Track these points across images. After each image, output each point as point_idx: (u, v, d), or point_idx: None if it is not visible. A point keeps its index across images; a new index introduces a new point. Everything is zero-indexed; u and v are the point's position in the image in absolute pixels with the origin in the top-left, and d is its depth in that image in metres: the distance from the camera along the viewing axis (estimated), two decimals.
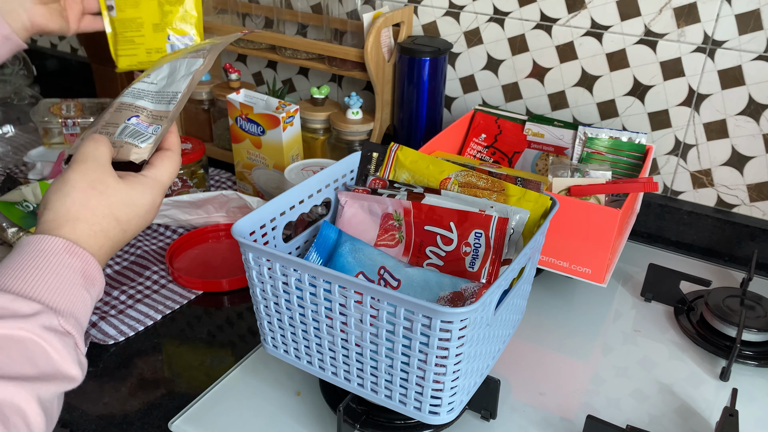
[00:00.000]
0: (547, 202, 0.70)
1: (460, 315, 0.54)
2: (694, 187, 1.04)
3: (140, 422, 0.70)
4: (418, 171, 0.76)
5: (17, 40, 0.75)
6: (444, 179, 0.74)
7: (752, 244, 1.00)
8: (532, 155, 1.04)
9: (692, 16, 0.95)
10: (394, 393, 0.61)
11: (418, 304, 0.54)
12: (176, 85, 0.64)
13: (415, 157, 0.76)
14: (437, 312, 0.53)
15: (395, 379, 0.60)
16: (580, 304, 0.90)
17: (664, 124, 1.03)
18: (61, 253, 0.50)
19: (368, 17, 1.10)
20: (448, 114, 1.21)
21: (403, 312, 0.55)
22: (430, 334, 0.55)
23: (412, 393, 0.60)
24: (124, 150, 0.59)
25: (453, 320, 0.54)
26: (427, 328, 0.55)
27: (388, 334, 0.58)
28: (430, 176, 0.75)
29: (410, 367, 0.58)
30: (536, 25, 1.06)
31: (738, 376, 0.78)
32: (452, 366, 0.57)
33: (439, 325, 0.54)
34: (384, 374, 0.61)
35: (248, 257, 0.63)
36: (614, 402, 0.74)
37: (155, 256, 0.99)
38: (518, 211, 0.68)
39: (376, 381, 0.62)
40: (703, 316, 0.85)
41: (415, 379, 0.59)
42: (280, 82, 1.38)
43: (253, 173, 1.13)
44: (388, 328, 0.57)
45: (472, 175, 0.73)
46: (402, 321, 0.56)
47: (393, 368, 0.59)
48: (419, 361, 0.57)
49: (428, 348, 0.56)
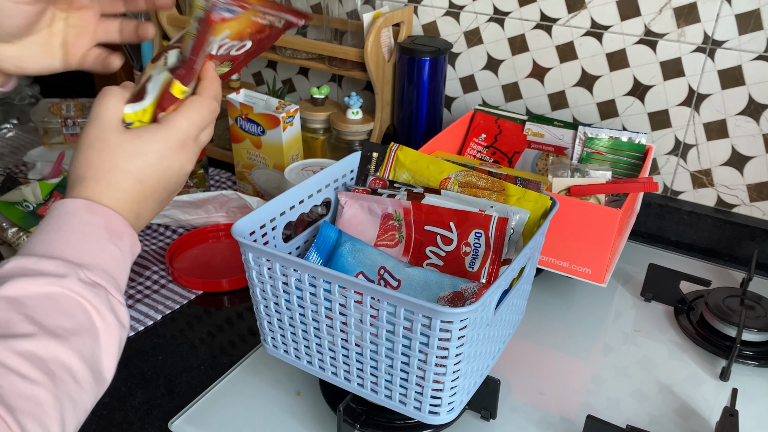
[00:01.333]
0: (547, 202, 0.70)
1: (460, 315, 0.54)
2: (694, 187, 1.04)
3: (140, 422, 0.70)
4: (418, 171, 0.76)
5: None
6: (444, 179, 0.74)
7: (752, 244, 1.00)
8: (532, 155, 1.04)
9: (692, 16, 0.95)
10: (394, 393, 0.61)
11: (418, 304, 0.54)
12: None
13: (415, 157, 0.76)
14: (437, 312, 0.53)
15: (395, 379, 0.60)
16: (580, 304, 0.90)
17: (664, 124, 1.03)
18: (78, 212, 0.49)
19: (368, 17, 1.10)
20: (448, 114, 1.21)
21: (403, 312, 0.55)
22: (430, 334, 0.55)
23: (412, 393, 0.60)
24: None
25: (453, 320, 0.54)
26: (427, 328, 0.55)
27: (388, 334, 0.58)
28: (430, 176, 0.75)
29: (410, 367, 0.58)
30: (536, 25, 1.06)
31: (738, 376, 0.78)
32: (452, 366, 0.57)
33: (439, 325, 0.54)
34: (384, 374, 0.61)
35: (248, 257, 0.63)
36: (614, 402, 0.74)
37: (155, 256, 0.99)
38: (518, 211, 0.68)
39: (376, 381, 0.62)
40: (703, 316, 0.85)
41: (415, 379, 0.59)
42: (280, 82, 1.38)
43: (253, 173, 1.13)
44: (388, 328, 0.57)
45: (472, 175, 0.73)
46: (402, 321, 0.56)
47: (393, 368, 0.59)
48: (419, 361, 0.57)
49: (428, 348, 0.56)
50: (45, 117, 1.26)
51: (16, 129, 1.41)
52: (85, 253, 0.48)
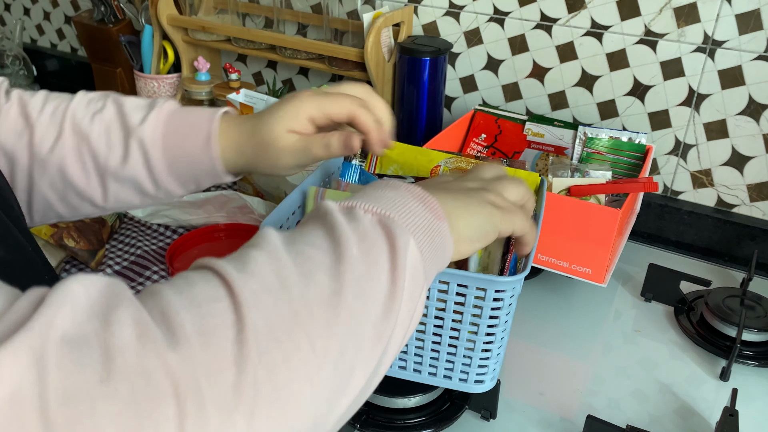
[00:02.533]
0: (537, 179, 0.71)
1: (512, 283, 0.56)
2: (694, 187, 1.04)
3: None
4: (407, 162, 0.76)
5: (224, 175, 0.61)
6: (434, 167, 0.75)
7: (752, 244, 1.00)
8: (532, 155, 1.03)
9: (692, 16, 0.95)
10: (439, 369, 0.63)
11: (473, 276, 0.56)
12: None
13: (402, 149, 0.77)
14: (493, 282, 0.56)
15: (441, 355, 0.62)
16: (580, 304, 0.90)
17: (664, 124, 1.02)
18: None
19: (368, 17, 1.10)
20: (448, 114, 1.21)
21: (456, 287, 0.57)
22: (484, 305, 0.57)
23: (459, 366, 0.62)
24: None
25: (506, 288, 0.56)
26: (481, 300, 0.57)
27: (438, 312, 0.60)
28: (419, 166, 0.76)
29: (459, 340, 0.60)
30: (536, 25, 1.06)
31: (738, 376, 0.78)
32: (500, 333, 0.60)
33: (492, 295, 0.57)
34: (429, 353, 0.63)
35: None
36: (614, 402, 0.74)
37: (155, 256, 0.99)
38: None
39: (421, 361, 0.64)
40: (703, 316, 0.85)
41: (463, 351, 0.61)
42: (280, 82, 1.38)
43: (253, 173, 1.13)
44: (438, 306, 0.59)
45: (461, 161, 0.74)
46: (454, 297, 0.58)
47: (441, 344, 0.61)
48: (469, 333, 0.60)
49: (480, 319, 0.58)
50: None
51: None
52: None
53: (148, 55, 1.32)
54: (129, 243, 1.02)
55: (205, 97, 1.28)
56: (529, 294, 0.91)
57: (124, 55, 1.38)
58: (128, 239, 1.03)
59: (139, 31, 1.38)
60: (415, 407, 0.69)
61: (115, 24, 1.38)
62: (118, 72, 1.43)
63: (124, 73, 1.43)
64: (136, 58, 1.35)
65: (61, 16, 1.64)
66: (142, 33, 1.31)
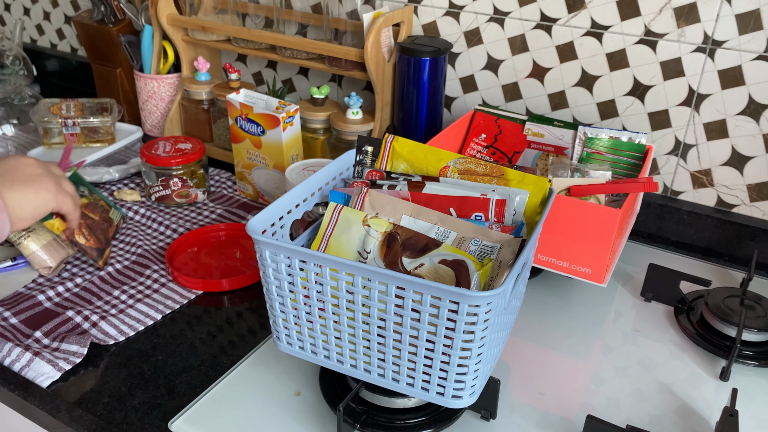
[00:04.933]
0: (546, 184, 0.71)
1: (487, 298, 0.55)
2: (694, 187, 1.04)
3: (140, 422, 0.70)
4: (416, 161, 0.76)
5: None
6: (443, 167, 0.75)
7: (752, 244, 1.00)
8: (532, 155, 1.04)
9: (692, 16, 0.95)
10: (417, 380, 0.62)
11: (446, 289, 0.55)
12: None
13: (412, 147, 0.77)
14: (465, 296, 0.54)
15: (418, 366, 0.61)
16: (580, 304, 0.91)
17: (664, 124, 1.03)
18: None
19: (368, 17, 1.10)
20: (448, 114, 1.21)
21: (430, 299, 0.56)
22: (458, 318, 0.56)
23: (436, 379, 0.61)
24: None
25: (480, 303, 0.55)
26: (455, 313, 0.56)
27: (413, 321, 0.59)
28: (428, 165, 0.76)
29: (435, 353, 0.59)
30: (536, 25, 1.06)
31: (738, 376, 0.78)
32: (477, 349, 0.58)
33: (466, 309, 0.55)
34: (406, 362, 0.62)
35: (265, 254, 0.63)
36: (614, 402, 0.74)
37: (155, 256, 0.99)
38: (518, 192, 0.69)
39: (398, 370, 0.63)
40: (703, 316, 0.85)
41: (439, 364, 0.60)
42: (280, 82, 1.38)
43: (253, 173, 1.13)
44: (413, 316, 0.58)
45: (470, 162, 0.74)
46: (428, 308, 0.57)
47: (417, 355, 0.60)
48: (444, 347, 0.58)
49: (454, 333, 0.57)
50: (45, 117, 1.26)
51: (16, 129, 1.41)
52: None
53: (148, 55, 1.32)
54: (130, 242, 1.02)
55: (205, 97, 1.28)
56: (529, 294, 0.91)
57: (124, 55, 1.38)
58: (129, 239, 1.03)
59: (139, 31, 1.38)
60: (415, 407, 0.69)
61: (115, 24, 1.38)
62: (118, 72, 1.43)
63: (123, 73, 1.44)
64: (136, 58, 1.35)
65: (61, 16, 1.64)
66: (142, 33, 1.31)
